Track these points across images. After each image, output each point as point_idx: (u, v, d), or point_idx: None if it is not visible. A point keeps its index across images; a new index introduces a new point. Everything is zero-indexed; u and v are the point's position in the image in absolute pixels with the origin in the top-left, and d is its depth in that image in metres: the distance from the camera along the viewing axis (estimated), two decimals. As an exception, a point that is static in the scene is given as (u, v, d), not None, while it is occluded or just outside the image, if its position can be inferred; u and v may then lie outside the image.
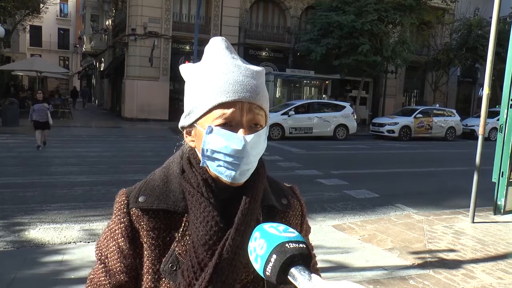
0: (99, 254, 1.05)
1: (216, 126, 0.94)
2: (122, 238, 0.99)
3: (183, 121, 1.02)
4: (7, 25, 27.99)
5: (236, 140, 0.93)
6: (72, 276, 4.16)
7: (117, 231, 1.00)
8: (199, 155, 0.99)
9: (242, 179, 0.96)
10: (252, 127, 0.96)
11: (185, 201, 0.98)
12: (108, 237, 1.03)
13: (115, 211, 1.02)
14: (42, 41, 53.07)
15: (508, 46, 6.33)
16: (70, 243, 5.10)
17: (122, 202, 1.01)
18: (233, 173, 0.95)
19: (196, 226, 0.94)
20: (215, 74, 0.95)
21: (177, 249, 0.97)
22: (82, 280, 4.05)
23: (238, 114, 0.94)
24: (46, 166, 9.60)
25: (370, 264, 4.65)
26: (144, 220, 0.98)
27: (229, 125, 0.94)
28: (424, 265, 4.64)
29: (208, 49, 1.02)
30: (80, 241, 5.16)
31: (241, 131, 0.93)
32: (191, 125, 1.00)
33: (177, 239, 0.98)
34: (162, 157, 1.21)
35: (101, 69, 35.31)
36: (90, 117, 26.43)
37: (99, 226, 5.69)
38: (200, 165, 0.99)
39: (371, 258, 4.80)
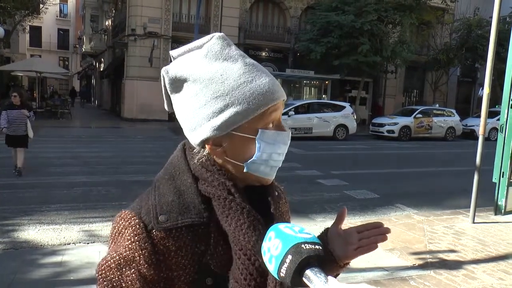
0: (110, 286, 0.91)
1: (263, 128, 0.92)
2: (146, 265, 0.88)
3: (212, 132, 0.91)
4: (7, 26, 27.96)
5: (286, 138, 0.95)
6: (72, 277, 4.14)
7: (136, 258, 0.89)
8: (237, 163, 0.93)
9: (274, 175, 0.98)
10: None
11: (208, 211, 0.91)
12: (121, 265, 0.90)
13: (129, 237, 0.90)
14: (42, 41, 53.08)
15: (508, 46, 6.32)
16: (69, 244, 5.09)
17: (138, 226, 0.90)
18: (274, 170, 0.96)
19: (244, 233, 0.88)
20: (246, 77, 0.90)
21: (211, 262, 0.91)
22: (81, 281, 4.04)
23: (279, 113, 0.95)
24: (45, 167, 9.58)
25: (370, 264, 4.63)
26: (169, 241, 0.89)
27: (275, 124, 0.95)
28: (424, 266, 4.63)
29: (215, 48, 0.93)
30: (80, 242, 5.14)
31: (286, 128, 0.96)
32: (226, 134, 0.91)
33: (209, 251, 0.91)
34: (161, 157, 1.19)
35: (101, 69, 35.31)
36: (89, 117, 26.41)
37: (99, 227, 5.68)
38: (244, 171, 0.93)
39: (372, 259, 4.79)
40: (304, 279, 0.74)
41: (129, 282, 0.90)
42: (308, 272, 0.74)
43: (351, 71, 23.60)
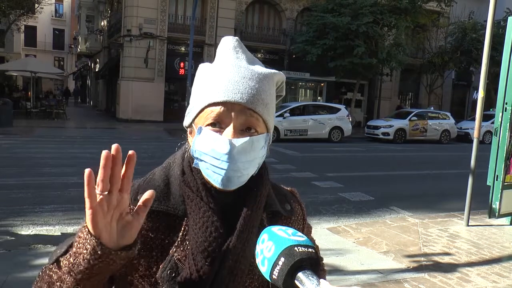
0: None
1: (206, 126, 0.91)
2: None
3: (185, 120, 1.00)
4: (2, 25, 27.83)
5: (221, 142, 0.88)
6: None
7: None
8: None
9: (231, 185, 0.92)
10: (245, 132, 0.91)
11: (185, 205, 0.94)
12: None
13: None
14: (37, 41, 52.83)
15: (502, 50, 6.34)
16: (63, 245, 5.04)
17: None
18: (219, 177, 0.90)
19: (195, 232, 0.90)
20: (213, 74, 0.93)
21: (176, 254, 0.93)
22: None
23: (228, 115, 0.89)
24: (40, 167, 9.52)
25: (365, 267, 4.63)
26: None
27: (219, 126, 0.90)
28: (419, 269, 4.64)
29: (218, 49, 1.00)
30: (73, 244, 5.10)
31: (227, 133, 0.89)
32: (191, 125, 0.98)
33: (176, 244, 0.93)
34: (157, 158, 1.19)
35: (96, 69, 35.20)
36: (84, 118, 26.30)
37: (93, 228, 5.64)
38: (193, 165, 0.95)
39: (366, 261, 4.79)
40: (296, 281, 0.74)
41: None
42: (300, 274, 0.73)
43: (347, 73, 23.67)
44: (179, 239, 0.94)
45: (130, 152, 0.77)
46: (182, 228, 0.94)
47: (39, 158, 10.69)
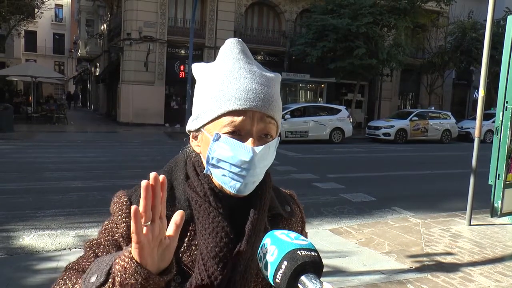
0: (88, 246, 0.98)
1: (224, 133, 0.90)
2: (122, 238, 0.93)
3: (190, 125, 0.98)
4: (2, 30, 27.89)
5: (244, 150, 0.89)
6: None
7: (114, 229, 0.95)
8: (204, 161, 0.96)
9: (246, 191, 0.93)
10: (262, 138, 0.92)
11: (190, 210, 0.94)
12: (102, 232, 0.97)
13: (114, 212, 0.97)
14: (37, 46, 52.92)
15: (502, 49, 6.34)
16: (65, 249, 5.05)
17: (124, 203, 0.96)
18: (237, 184, 0.91)
19: (205, 238, 0.90)
20: (228, 79, 0.91)
21: (183, 259, 0.93)
22: None
23: (248, 123, 0.90)
24: (41, 172, 9.52)
25: (367, 268, 4.62)
26: None
27: (238, 134, 0.90)
28: (421, 269, 4.62)
29: (222, 50, 0.98)
30: (75, 248, 5.10)
31: (250, 141, 0.89)
32: (198, 130, 0.96)
33: (182, 249, 0.93)
34: (157, 161, 1.18)
35: (97, 73, 35.24)
36: (85, 122, 26.34)
37: (94, 232, 5.64)
38: (204, 172, 0.95)
39: (369, 262, 4.78)
40: (299, 285, 0.74)
41: (106, 242, 0.96)
42: (303, 278, 0.74)
43: (347, 74, 23.67)
44: (185, 244, 0.93)
45: (161, 177, 0.77)
46: (188, 233, 0.94)
47: (40, 163, 10.69)
